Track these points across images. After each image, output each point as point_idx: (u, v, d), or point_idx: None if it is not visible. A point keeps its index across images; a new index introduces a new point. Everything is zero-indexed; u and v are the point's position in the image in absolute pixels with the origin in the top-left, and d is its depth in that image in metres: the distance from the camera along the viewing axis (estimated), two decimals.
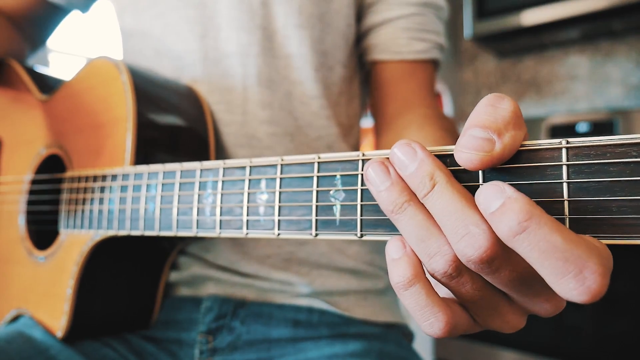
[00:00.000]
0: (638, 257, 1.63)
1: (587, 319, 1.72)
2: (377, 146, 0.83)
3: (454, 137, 0.65)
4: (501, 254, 0.29)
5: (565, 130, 1.95)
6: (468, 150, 0.30)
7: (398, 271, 0.33)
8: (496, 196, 0.28)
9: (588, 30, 2.20)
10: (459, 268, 0.31)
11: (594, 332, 1.71)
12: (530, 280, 0.31)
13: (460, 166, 0.32)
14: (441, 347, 2.06)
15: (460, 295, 0.33)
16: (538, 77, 2.45)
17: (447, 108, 2.55)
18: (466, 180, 0.33)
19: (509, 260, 0.30)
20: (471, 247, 0.28)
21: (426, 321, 0.32)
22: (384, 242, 0.88)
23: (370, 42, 0.81)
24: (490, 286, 0.32)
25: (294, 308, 0.74)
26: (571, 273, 0.26)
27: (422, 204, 0.32)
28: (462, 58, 2.69)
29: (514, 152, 0.30)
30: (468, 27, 2.24)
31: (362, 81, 0.89)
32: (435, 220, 0.31)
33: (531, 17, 2.07)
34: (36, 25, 0.91)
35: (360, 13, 0.83)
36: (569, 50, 2.37)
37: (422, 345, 2.04)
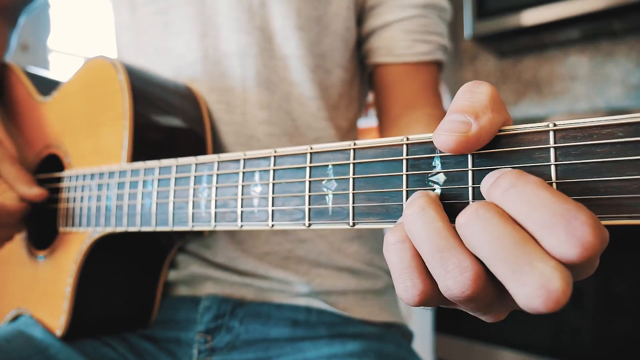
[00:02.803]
0: (638, 257, 1.62)
1: (587, 319, 1.71)
2: None
3: None
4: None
5: None
6: (444, 132, 0.31)
7: (396, 227, 0.33)
8: (494, 174, 0.30)
9: (588, 30, 2.20)
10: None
11: (594, 332, 1.70)
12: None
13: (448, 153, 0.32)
14: (441, 347, 2.05)
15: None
16: (538, 77, 2.45)
17: (447, 108, 2.55)
18: (455, 167, 0.33)
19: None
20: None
21: (402, 284, 0.32)
22: (383, 242, 0.89)
23: (372, 45, 0.81)
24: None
25: (292, 308, 0.74)
26: (560, 225, 0.25)
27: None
28: (462, 58, 2.69)
29: (492, 135, 0.31)
30: (468, 27, 2.24)
31: (362, 83, 0.89)
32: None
33: (531, 17, 2.08)
34: (20, 7, 0.92)
35: (361, 16, 0.83)
36: (569, 50, 2.37)
37: (422, 345, 2.04)
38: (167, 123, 0.67)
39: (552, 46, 2.40)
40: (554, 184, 0.29)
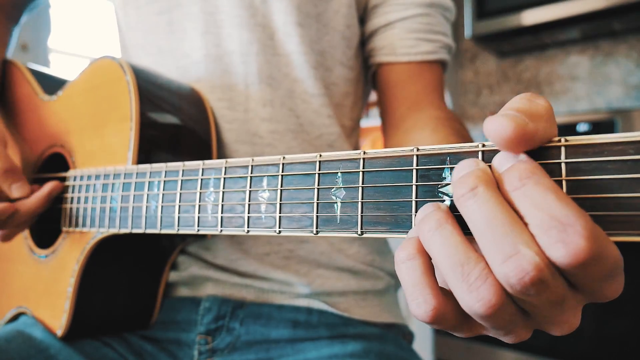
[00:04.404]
0: (638, 257, 1.63)
1: (587, 319, 1.72)
2: (386, 146, 0.82)
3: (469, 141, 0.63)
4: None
5: (566, 130, 1.95)
6: (501, 118, 0.29)
7: (406, 244, 0.33)
8: (509, 159, 0.30)
9: (588, 30, 2.20)
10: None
11: (594, 332, 1.71)
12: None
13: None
14: (441, 347, 2.06)
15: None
16: (538, 77, 2.45)
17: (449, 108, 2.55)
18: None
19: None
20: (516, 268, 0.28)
21: (414, 300, 0.32)
22: (384, 243, 0.88)
23: (375, 44, 0.81)
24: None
25: (293, 309, 0.74)
26: (555, 228, 0.26)
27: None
28: (462, 58, 2.69)
29: (541, 143, 0.30)
30: (468, 27, 2.24)
31: (365, 82, 0.89)
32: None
33: (531, 17, 2.08)
34: (23, 4, 0.91)
35: (364, 15, 0.82)
36: (569, 50, 2.38)
37: (422, 346, 2.04)
38: (173, 125, 0.67)
39: (552, 46, 2.40)
40: None
